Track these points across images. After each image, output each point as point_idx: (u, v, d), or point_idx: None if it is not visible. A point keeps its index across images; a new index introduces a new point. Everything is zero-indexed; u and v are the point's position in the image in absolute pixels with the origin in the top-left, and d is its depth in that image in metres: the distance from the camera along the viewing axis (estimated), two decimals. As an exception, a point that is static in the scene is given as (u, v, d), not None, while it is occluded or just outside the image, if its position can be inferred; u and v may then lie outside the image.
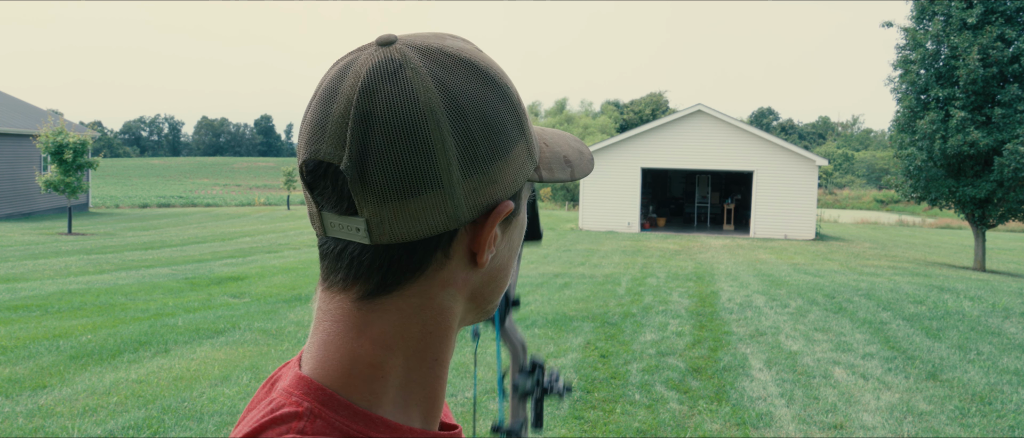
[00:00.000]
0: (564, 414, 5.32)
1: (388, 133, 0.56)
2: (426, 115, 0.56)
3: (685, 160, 26.47)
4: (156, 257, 15.11)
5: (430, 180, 0.57)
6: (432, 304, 0.60)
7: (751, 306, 10.05)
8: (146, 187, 57.71)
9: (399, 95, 0.57)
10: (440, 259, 0.59)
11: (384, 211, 0.57)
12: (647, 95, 76.82)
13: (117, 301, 9.69)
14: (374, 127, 0.56)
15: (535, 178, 0.65)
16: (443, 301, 0.61)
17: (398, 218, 0.57)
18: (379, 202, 0.57)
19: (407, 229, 0.57)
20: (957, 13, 17.32)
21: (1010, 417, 5.60)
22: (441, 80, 0.58)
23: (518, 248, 0.68)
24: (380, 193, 0.56)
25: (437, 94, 0.57)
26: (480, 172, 0.58)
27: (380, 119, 0.56)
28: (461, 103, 0.58)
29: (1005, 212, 17.68)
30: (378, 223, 0.57)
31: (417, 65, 0.58)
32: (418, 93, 0.57)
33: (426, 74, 0.58)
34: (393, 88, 0.57)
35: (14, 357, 6.69)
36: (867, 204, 56.70)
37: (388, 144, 0.56)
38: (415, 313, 0.60)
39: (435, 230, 0.58)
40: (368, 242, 0.58)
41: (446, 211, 0.58)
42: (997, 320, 9.33)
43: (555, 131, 0.74)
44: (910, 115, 18.28)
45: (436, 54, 0.59)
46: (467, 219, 0.59)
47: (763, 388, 6.16)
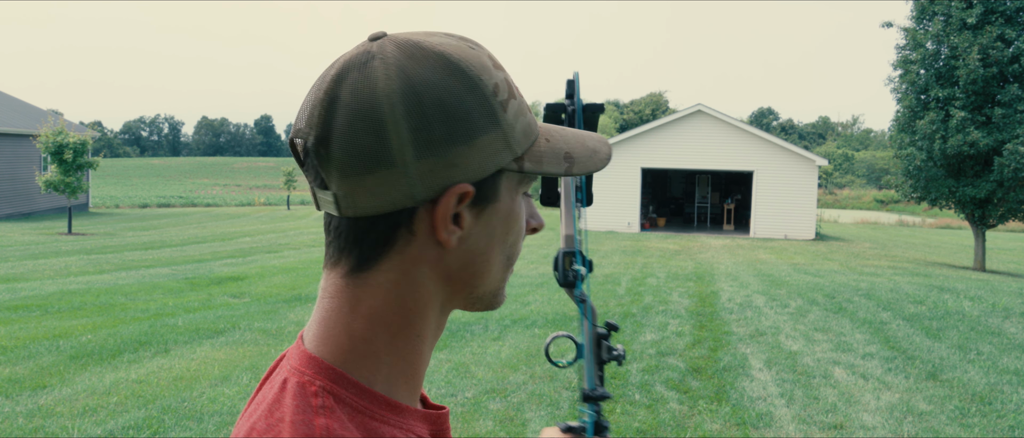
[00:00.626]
0: (563, 414, 5.32)
1: (348, 115, 0.61)
2: (382, 100, 0.61)
3: (685, 160, 26.46)
4: (156, 257, 15.10)
5: (383, 158, 0.61)
6: (407, 280, 0.65)
7: (751, 306, 10.05)
8: (146, 187, 57.71)
9: (362, 81, 0.62)
10: (405, 235, 0.63)
11: (345, 185, 0.62)
12: (647, 95, 76.79)
13: (117, 301, 9.69)
14: (338, 110, 0.61)
15: (514, 168, 0.67)
16: (416, 278, 0.65)
17: (358, 193, 0.62)
18: (341, 177, 0.62)
19: (368, 203, 0.63)
20: (957, 13, 17.31)
21: (1010, 417, 5.60)
22: (404, 69, 0.62)
23: (504, 238, 0.70)
24: (342, 169, 0.62)
25: (397, 82, 0.61)
26: (435, 155, 0.62)
27: (343, 102, 0.61)
28: (418, 90, 0.62)
29: (1005, 212, 17.68)
30: (344, 196, 0.63)
31: (387, 56, 0.63)
32: (379, 80, 0.61)
33: (393, 64, 0.62)
34: (359, 76, 0.62)
35: (14, 357, 6.69)
36: (867, 204, 56.70)
37: (348, 125, 0.61)
38: (393, 289, 0.64)
39: (394, 206, 0.62)
40: (338, 214, 0.64)
41: (401, 189, 0.62)
42: (997, 320, 9.33)
43: (569, 130, 0.75)
44: (910, 115, 18.28)
45: (412, 48, 0.64)
46: (423, 197, 0.63)
47: (763, 388, 6.16)
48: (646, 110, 72.00)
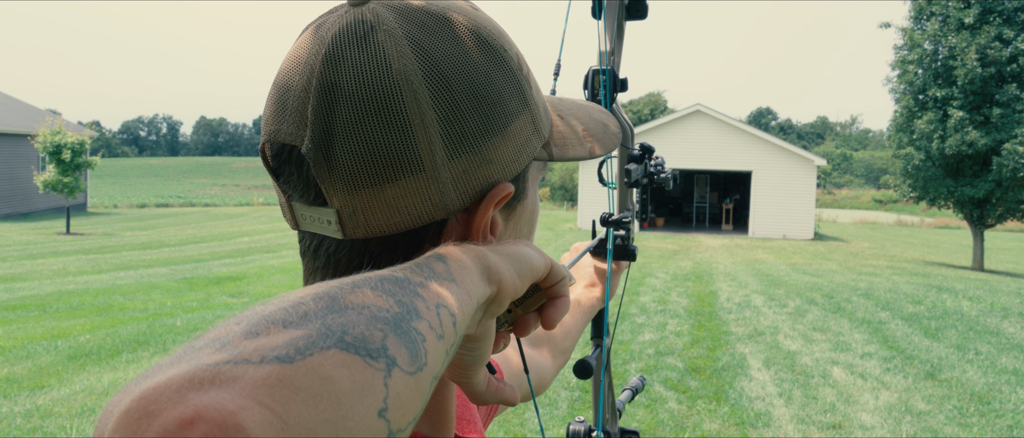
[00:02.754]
0: (562, 414, 5.32)
1: (356, 108, 0.48)
2: (401, 85, 0.48)
3: (684, 160, 26.47)
4: (154, 257, 15.09)
5: (409, 162, 0.48)
6: None
7: (750, 306, 10.05)
8: (144, 187, 57.67)
9: (369, 62, 0.48)
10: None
11: (356, 200, 0.49)
12: (646, 95, 76.78)
13: (115, 301, 9.68)
14: (339, 101, 0.48)
15: (544, 157, 0.57)
16: None
17: (373, 208, 0.49)
18: (349, 190, 0.49)
19: (385, 220, 0.50)
20: (954, 13, 17.33)
21: (1008, 417, 5.60)
22: (420, 43, 0.49)
23: (529, 240, 0.60)
24: (350, 180, 0.49)
25: (414, 60, 0.48)
26: (470, 151, 0.50)
27: (346, 91, 0.48)
28: (444, 70, 0.49)
29: (1003, 212, 17.71)
30: (350, 214, 0.50)
31: (392, 27, 0.49)
32: (391, 59, 0.48)
33: (402, 37, 0.49)
34: (362, 55, 0.48)
35: (12, 357, 6.68)
36: (866, 204, 56.75)
37: (356, 121, 0.48)
38: None
39: (419, 220, 0.50)
40: (341, 236, 0.51)
41: (431, 198, 0.50)
42: (995, 320, 9.33)
43: (574, 100, 0.66)
44: (908, 115, 18.30)
45: (416, 13, 0.50)
46: (457, 207, 0.51)
47: (761, 388, 6.16)
48: (645, 110, 72.00)
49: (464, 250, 0.47)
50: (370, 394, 0.34)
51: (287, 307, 0.37)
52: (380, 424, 0.34)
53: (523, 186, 0.57)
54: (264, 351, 0.33)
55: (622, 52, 1.03)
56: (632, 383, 1.15)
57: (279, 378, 0.32)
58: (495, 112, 0.51)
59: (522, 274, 0.49)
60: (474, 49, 0.51)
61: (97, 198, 41.62)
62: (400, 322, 0.38)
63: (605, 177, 0.98)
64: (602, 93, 0.95)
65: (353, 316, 0.36)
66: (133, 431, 0.30)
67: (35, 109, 32.62)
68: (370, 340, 0.36)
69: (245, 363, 0.32)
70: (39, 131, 21.90)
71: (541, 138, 0.56)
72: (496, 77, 0.52)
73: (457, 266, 0.44)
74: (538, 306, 0.53)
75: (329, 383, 0.33)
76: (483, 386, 0.53)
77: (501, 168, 0.52)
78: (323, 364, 0.33)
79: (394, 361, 0.36)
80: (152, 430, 0.29)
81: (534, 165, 0.58)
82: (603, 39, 0.97)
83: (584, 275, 1.10)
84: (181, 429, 0.29)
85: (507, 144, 0.52)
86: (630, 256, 1.01)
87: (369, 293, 0.39)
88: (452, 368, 0.51)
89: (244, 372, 0.31)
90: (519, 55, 0.55)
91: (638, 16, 1.02)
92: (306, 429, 0.31)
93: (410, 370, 0.37)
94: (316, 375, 0.33)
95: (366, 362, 0.35)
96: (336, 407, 0.32)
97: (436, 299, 0.41)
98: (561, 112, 0.62)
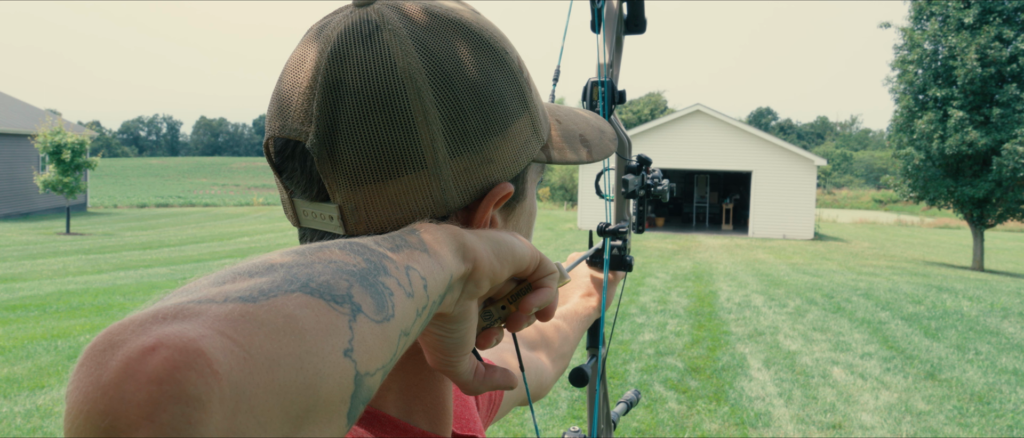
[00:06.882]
0: (562, 414, 5.32)
1: (360, 105, 0.49)
2: (405, 83, 0.49)
3: (684, 160, 26.46)
4: (154, 257, 15.09)
5: (411, 159, 0.50)
6: None
7: (750, 306, 10.05)
8: (144, 187, 57.67)
9: (374, 60, 0.49)
10: None
11: (358, 196, 0.50)
12: (646, 95, 76.76)
13: (115, 301, 9.68)
14: (344, 98, 0.49)
15: (543, 159, 0.58)
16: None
17: (375, 204, 0.50)
18: (352, 185, 0.50)
19: (386, 216, 0.51)
20: (954, 13, 17.33)
21: (1008, 417, 5.60)
22: (424, 43, 0.51)
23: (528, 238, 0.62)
24: (353, 175, 0.50)
25: (418, 59, 0.50)
26: (472, 150, 0.51)
27: (351, 88, 0.49)
28: (447, 69, 0.51)
29: (1003, 212, 17.71)
30: (352, 210, 0.51)
31: (396, 26, 0.50)
32: (396, 58, 0.50)
33: (406, 36, 0.50)
34: (367, 53, 0.50)
35: (12, 357, 6.68)
36: (865, 204, 56.75)
37: (361, 118, 0.49)
38: None
39: (420, 217, 0.51)
40: (343, 232, 0.52)
41: (432, 195, 0.51)
42: (995, 320, 9.33)
43: (569, 108, 0.67)
44: (908, 115, 18.30)
45: (420, 14, 0.52)
46: (458, 205, 0.52)
47: (761, 388, 6.16)
48: (644, 110, 72.00)
49: (439, 227, 0.48)
50: (334, 334, 0.35)
51: (255, 262, 0.38)
52: (346, 363, 0.35)
53: (522, 187, 0.58)
54: (228, 293, 0.34)
55: (620, 64, 1.04)
56: (627, 396, 1.16)
57: (241, 313, 0.33)
58: (496, 112, 0.53)
59: (501, 257, 0.50)
60: (477, 50, 0.53)
61: (97, 198, 41.62)
62: (367, 275, 0.39)
63: (602, 189, 0.99)
64: (600, 104, 0.97)
65: (319, 268, 0.37)
66: (98, 361, 0.31)
67: (35, 109, 32.62)
68: (335, 287, 0.36)
69: (209, 302, 0.33)
70: (39, 131, 21.91)
71: (540, 140, 0.58)
72: (497, 78, 0.54)
73: (430, 239, 0.46)
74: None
75: (292, 320, 0.34)
76: (470, 374, 0.53)
77: (501, 168, 0.54)
78: (286, 303, 0.34)
79: (359, 307, 0.37)
80: (115, 359, 0.31)
81: (533, 167, 0.59)
82: (602, 52, 0.99)
83: (581, 285, 1.11)
84: (143, 355, 0.30)
85: (508, 144, 0.54)
86: (626, 267, 1.02)
87: (337, 251, 0.40)
88: (435, 353, 0.52)
89: (207, 309, 0.32)
90: (519, 58, 0.57)
91: (636, 31, 1.05)
92: (269, 360, 0.32)
93: (376, 318, 0.37)
94: (279, 312, 0.33)
95: (330, 305, 0.35)
96: (299, 342, 0.33)
97: (406, 262, 0.42)
98: (559, 117, 0.63)
